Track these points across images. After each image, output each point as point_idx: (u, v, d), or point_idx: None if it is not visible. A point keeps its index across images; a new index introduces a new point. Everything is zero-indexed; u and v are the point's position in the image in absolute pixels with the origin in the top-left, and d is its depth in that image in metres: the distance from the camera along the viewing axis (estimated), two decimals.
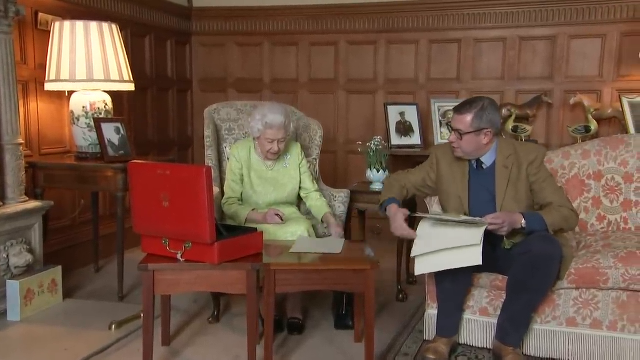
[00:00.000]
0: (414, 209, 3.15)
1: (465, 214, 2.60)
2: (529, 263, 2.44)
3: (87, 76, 3.37)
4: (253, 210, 2.98)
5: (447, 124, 2.66)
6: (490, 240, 2.51)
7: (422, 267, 2.50)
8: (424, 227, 2.55)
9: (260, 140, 3.00)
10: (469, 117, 2.55)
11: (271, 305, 2.50)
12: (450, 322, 2.65)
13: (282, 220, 2.90)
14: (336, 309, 3.07)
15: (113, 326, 2.92)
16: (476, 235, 2.36)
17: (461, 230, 2.42)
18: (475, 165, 2.66)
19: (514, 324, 2.54)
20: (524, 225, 2.47)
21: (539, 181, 2.59)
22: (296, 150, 3.17)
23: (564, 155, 3.14)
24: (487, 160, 2.64)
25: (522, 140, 4.16)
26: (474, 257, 2.33)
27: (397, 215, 2.61)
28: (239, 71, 5.16)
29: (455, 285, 2.61)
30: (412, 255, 2.52)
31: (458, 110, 2.60)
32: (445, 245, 2.40)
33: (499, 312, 2.63)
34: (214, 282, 2.44)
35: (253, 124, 2.98)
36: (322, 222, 3.08)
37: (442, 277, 2.60)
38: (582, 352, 2.57)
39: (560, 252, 2.46)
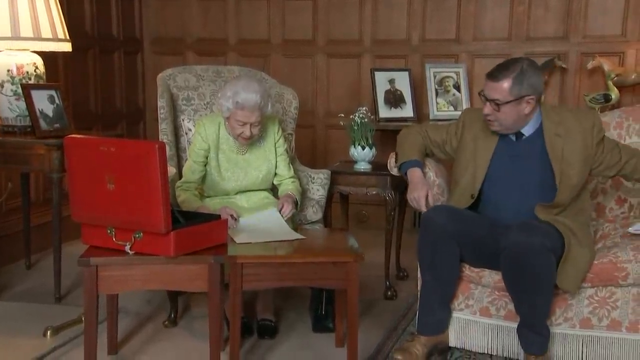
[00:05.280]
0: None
1: (472, 197, 2.68)
2: (508, 262, 2.46)
3: (12, 33, 3.30)
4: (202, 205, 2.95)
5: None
6: (494, 234, 2.53)
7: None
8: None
9: (230, 121, 2.97)
10: (506, 84, 2.53)
11: (238, 304, 2.51)
12: (430, 319, 2.70)
13: (235, 220, 2.86)
14: (314, 308, 3.10)
15: (48, 332, 2.91)
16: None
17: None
18: (514, 138, 2.67)
19: (531, 329, 2.55)
20: None
21: (607, 148, 2.65)
22: (273, 127, 3.14)
23: None
24: (527, 130, 2.65)
25: None
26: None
27: (423, 187, 2.70)
28: (199, 30, 5.11)
29: (436, 276, 2.64)
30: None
31: (492, 76, 2.58)
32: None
33: (502, 313, 2.68)
34: (170, 279, 2.43)
35: (222, 101, 2.94)
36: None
37: (423, 269, 2.66)
38: (598, 357, 2.61)
39: (540, 242, 2.40)
